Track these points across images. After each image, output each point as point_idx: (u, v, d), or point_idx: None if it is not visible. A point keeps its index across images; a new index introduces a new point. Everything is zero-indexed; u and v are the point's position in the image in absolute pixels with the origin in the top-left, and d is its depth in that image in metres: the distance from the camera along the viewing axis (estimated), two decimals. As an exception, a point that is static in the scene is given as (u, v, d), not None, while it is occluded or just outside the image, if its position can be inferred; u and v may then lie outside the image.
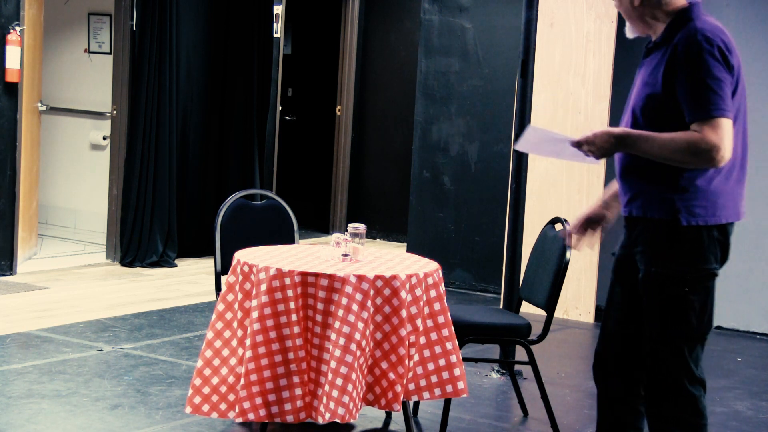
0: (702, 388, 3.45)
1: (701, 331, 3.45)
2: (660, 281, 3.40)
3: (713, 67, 3.28)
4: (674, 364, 3.41)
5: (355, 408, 3.93)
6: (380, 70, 10.24)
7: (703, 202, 3.37)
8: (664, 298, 3.41)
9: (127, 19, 7.98)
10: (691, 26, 3.36)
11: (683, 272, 3.38)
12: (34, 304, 6.54)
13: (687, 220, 3.36)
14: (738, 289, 6.93)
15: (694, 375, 3.43)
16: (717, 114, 3.29)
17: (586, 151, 3.39)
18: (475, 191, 7.89)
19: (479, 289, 7.89)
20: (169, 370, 5.25)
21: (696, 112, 3.29)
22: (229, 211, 4.96)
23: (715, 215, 3.39)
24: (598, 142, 3.36)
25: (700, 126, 3.28)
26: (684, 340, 3.42)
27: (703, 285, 3.42)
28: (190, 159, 8.48)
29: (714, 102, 3.28)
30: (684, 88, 3.30)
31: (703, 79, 3.28)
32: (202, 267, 8.11)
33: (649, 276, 3.42)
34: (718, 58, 3.30)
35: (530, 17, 5.44)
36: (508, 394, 5.23)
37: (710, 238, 3.40)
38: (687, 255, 3.38)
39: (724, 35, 3.36)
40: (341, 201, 10.35)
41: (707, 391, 3.50)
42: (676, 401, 3.41)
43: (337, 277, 3.95)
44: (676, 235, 3.37)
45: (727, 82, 3.32)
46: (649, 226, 3.42)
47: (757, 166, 6.78)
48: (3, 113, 7.20)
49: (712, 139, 3.28)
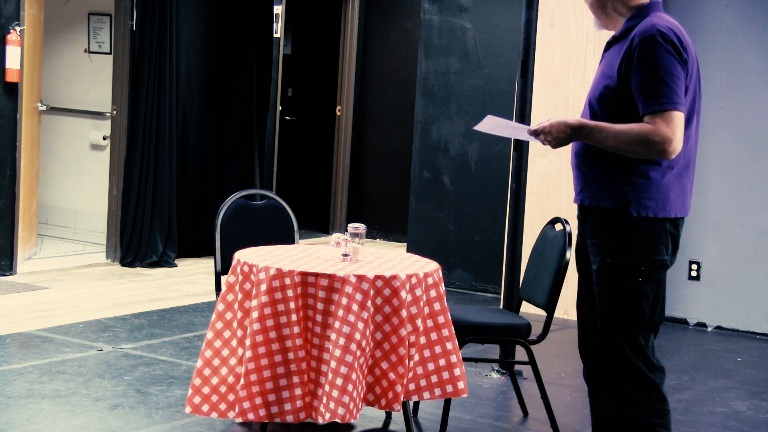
0: (662, 374, 3.54)
1: (653, 321, 3.53)
2: (615, 272, 3.49)
3: (667, 62, 3.35)
4: (632, 353, 3.49)
5: (355, 408, 3.93)
6: (380, 70, 10.24)
7: (654, 195, 3.45)
8: (619, 289, 3.49)
9: (127, 19, 7.98)
10: (647, 21, 3.45)
11: (637, 263, 3.46)
12: (34, 304, 6.54)
13: (637, 211, 3.44)
14: (738, 289, 6.93)
15: (651, 362, 3.52)
16: (669, 107, 3.35)
17: (542, 140, 3.50)
18: (475, 191, 7.89)
19: (479, 289, 7.88)
20: (169, 370, 5.25)
21: (649, 104, 3.36)
22: (229, 211, 4.96)
23: (665, 209, 3.47)
24: (554, 132, 3.47)
25: (653, 118, 3.35)
26: (638, 330, 3.50)
27: (656, 275, 3.50)
28: (190, 159, 8.48)
29: (667, 95, 3.34)
30: (638, 81, 3.38)
31: (657, 73, 3.35)
32: (202, 267, 8.11)
33: (604, 267, 3.51)
34: (672, 53, 3.37)
35: (530, 17, 5.44)
36: (508, 394, 5.23)
37: (662, 230, 3.48)
38: (640, 246, 3.46)
39: (680, 32, 3.45)
40: (341, 201, 10.35)
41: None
42: (641, 388, 3.49)
43: (337, 277, 3.95)
44: (627, 226, 3.46)
45: (681, 77, 3.38)
46: (602, 217, 3.51)
47: (758, 167, 6.78)
48: (3, 113, 7.20)
49: (664, 131, 3.34)
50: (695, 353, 6.38)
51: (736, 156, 6.82)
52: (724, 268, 6.98)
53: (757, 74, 6.79)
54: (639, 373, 3.48)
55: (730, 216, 6.85)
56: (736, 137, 6.81)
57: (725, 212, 6.84)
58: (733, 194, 6.82)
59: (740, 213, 6.85)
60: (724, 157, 6.86)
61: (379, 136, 10.29)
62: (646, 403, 3.49)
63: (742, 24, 6.85)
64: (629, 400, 3.50)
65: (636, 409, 3.49)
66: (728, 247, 6.93)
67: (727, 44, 6.84)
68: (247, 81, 8.81)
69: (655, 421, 3.49)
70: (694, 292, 7.02)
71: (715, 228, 6.87)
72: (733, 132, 6.79)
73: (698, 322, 7.07)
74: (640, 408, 3.49)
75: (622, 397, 3.51)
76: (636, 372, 3.48)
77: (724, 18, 6.87)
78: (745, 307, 6.94)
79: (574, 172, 3.64)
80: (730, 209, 6.84)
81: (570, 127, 3.46)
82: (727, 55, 6.85)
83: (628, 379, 3.49)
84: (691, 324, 7.09)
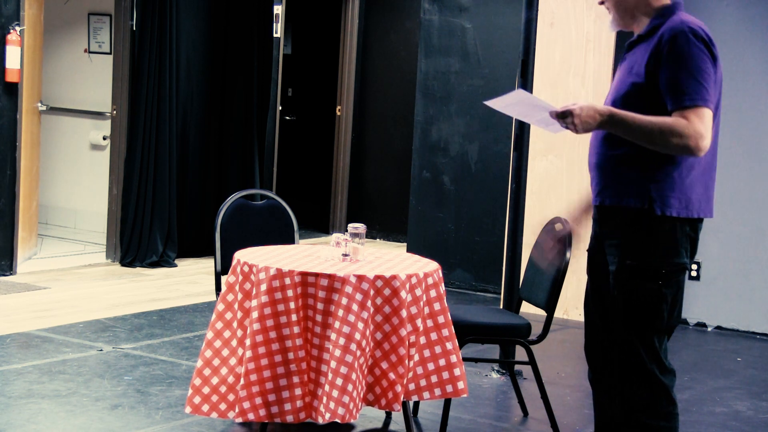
0: (673, 377, 3.51)
1: (670, 324, 3.50)
2: (635, 274, 3.43)
3: (698, 58, 3.31)
4: (646, 355, 3.46)
5: (355, 408, 3.93)
6: (380, 70, 10.24)
7: (677, 194, 3.40)
8: (638, 291, 3.44)
9: (127, 19, 7.98)
10: (675, 18, 3.41)
11: (658, 266, 3.41)
12: (34, 304, 6.54)
13: (661, 209, 3.38)
14: (738, 289, 6.93)
15: (664, 365, 3.48)
16: (700, 103, 3.30)
17: (568, 124, 3.36)
18: (475, 191, 7.89)
19: (479, 289, 7.88)
20: (169, 370, 5.25)
21: (679, 99, 3.30)
22: (229, 211, 4.96)
23: (687, 209, 3.42)
24: (583, 116, 3.34)
25: (685, 113, 3.28)
26: (654, 332, 3.47)
27: (676, 279, 3.45)
28: (190, 159, 8.48)
29: (698, 91, 3.30)
30: (668, 77, 3.32)
31: (688, 68, 3.30)
32: (202, 267, 8.11)
33: (623, 269, 3.45)
34: (704, 50, 3.33)
35: (530, 17, 5.44)
36: (508, 394, 5.23)
37: (682, 232, 3.42)
38: (661, 248, 3.41)
39: (708, 30, 3.41)
40: (341, 201, 10.35)
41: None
42: (651, 391, 3.46)
43: (337, 277, 3.95)
44: (650, 226, 3.40)
45: (711, 75, 3.34)
46: (624, 216, 3.44)
47: (758, 167, 6.78)
48: (3, 113, 7.20)
49: (698, 126, 3.28)
50: (695, 353, 6.38)
51: (736, 156, 6.81)
52: (724, 268, 6.98)
53: (758, 74, 6.79)
54: (651, 376, 3.45)
55: (730, 216, 6.85)
56: (737, 137, 6.80)
57: (725, 212, 6.83)
58: (733, 194, 6.82)
59: (740, 213, 6.85)
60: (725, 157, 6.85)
61: (379, 136, 10.29)
62: (655, 405, 3.45)
63: (742, 24, 6.85)
64: (638, 402, 3.46)
65: (644, 412, 3.45)
66: (728, 247, 6.93)
67: (727, 44, 6.84)
68: (247, 81, 8.81)
69: (663, 424, 3.45)
70: (694, 292, 7.02)
71: (715, 228, 6.87)
72: (734, 132, 6.79)
73: (698, 322, 7.07)
74: (649, 410, 3.45)
75: (631, 398, 3.47)
76: (648, 374, 3.45)
77: (724, 18, 6.87)
78: (745, 307, 6.94)
79: (592, 174, 3.56)
80: (730, 209, 6.84)
81: (599, 113, 3.33)
82: (728, 55, 6.84)
83: (639, 381, 3.46)
84: (691, 324, 7.09)
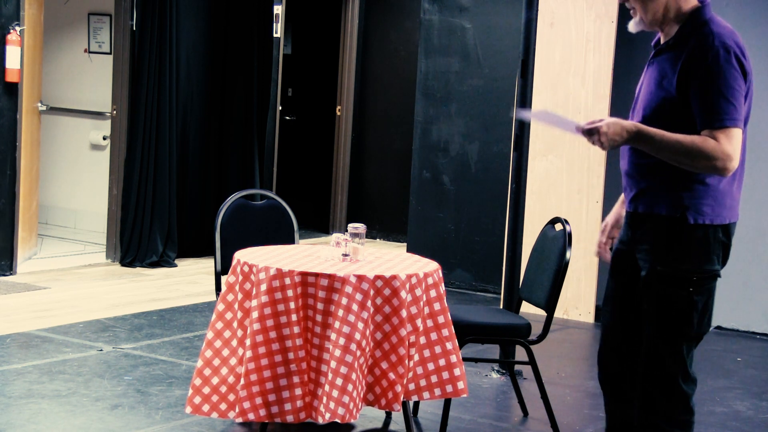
0: (694, 386, 3.48)
1: (700, 331, 3.46)
2: (665, 280, 3.40)
3: (730, 76, 3.28)
4: (672, 362, 3.43)
5: (355, 408, 3.93)
6: (380, 70, 10.24)
7: (710, 201, 3.37)
8: (669, 298, 3.40)
9: (127, 19, 7.98)
10: (706, 30, 3.35)
11: (689, 272, 3.38)
12: (34, 304, 6.54)
13: (694, 218, 3.36)
14: (738, 289, 6.93)
15: (688, 374, 3.45)
16: (730, 124, 3.28)
17: (594, 141, 3.32)
18: (475, 191, 7.89)
19: (479, 289, 7.88)
20: (169, 370, 5.25)
21: (710, 119, 3.27)
22: (229, 211, 4.96)
23: (720, 215, 3.40)
24: (610, 134, 3.29)
25: (714, 133, 3.26)
26: (684, 340, 3.43)
27: (707, 286, 3.43)
28: (190, 159, 8.48)
29: (728, 111, 3.27)
30: (699, 95, 3.28)
31: (719, 88, 3.26)
32: (202, 267, 8.11)
33: (653, 274, 3.41)
34: (735, 67, 3.29)
35: (530, 17, 5.44)
36: (508, 394, 5.23)
37: (715, 238, 3.40)
38: (693, 255, 3.38)
39: (739, 39, 3.36)
40: (341, 201, 10.35)
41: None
42: (669, 398, 3.43)
43: (337, 277, 3.95)
44: (682, 233, 3.37)
45: (741, 91, 3.31)
46: (656, 223, 3.41)
47: (758, 167, 6.78)
48: (3, 113, 7.20)
49: (726, 147, 3.26)
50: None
51: (736, 156, 6.81)
52: (724, 268, 6.97)
53: (758, 74, 6.78)
54: (673, 383, 3.42)
55: (730, 216, 6.85)
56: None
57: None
58: (733, 194, 6.82)
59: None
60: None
61: (379, 136, 10.28)
62: (672, 413, 3.43)
63: (742, 23, 6.84)
64: (656, 407, 3.44)
65: (661, 418, 3.43)
66: (728, 247, 6.92)
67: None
68: (247, 81, 8.81)
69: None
70: (694, 292, 7.01)
71: (715, 228, 6.87)
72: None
73: (698, 322, 7.07)
74: (666, 417, 3.42)
75: (649, 403, 3.45)
76: (670, 381, 3.42)
77: (724, 18, 6.85)
78: (745, 307, 6.94)
79: (625, 180, 3.53)
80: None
81: (626, 130, 3.29)
82: (727, 55, 6.85)
83: (660, 387, 3.43)
84: (691, 324, 7.08)
